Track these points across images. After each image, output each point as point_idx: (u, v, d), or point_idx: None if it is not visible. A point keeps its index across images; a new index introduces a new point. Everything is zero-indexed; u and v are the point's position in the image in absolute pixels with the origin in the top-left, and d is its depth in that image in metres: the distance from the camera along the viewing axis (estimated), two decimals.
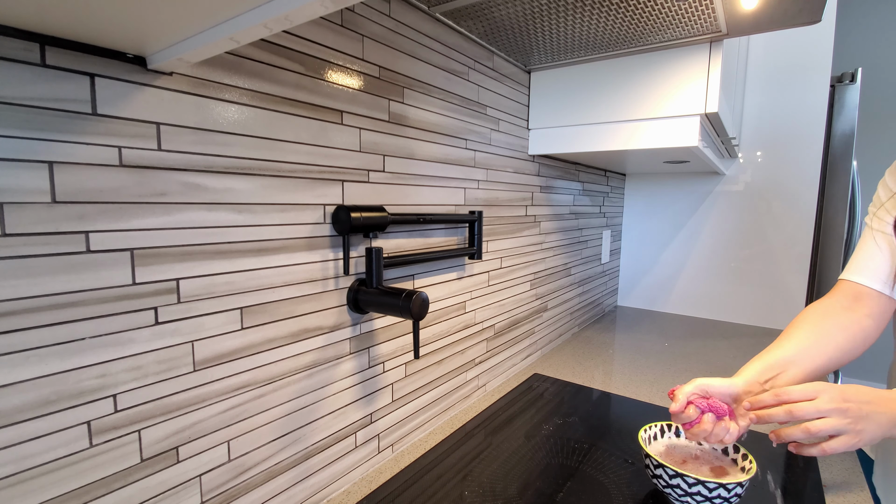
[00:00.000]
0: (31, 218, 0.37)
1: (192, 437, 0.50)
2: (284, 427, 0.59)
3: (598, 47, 0.90)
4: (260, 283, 0.54)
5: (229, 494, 0.54)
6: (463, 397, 0.95)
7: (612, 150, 1.00)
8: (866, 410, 0.57)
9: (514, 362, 1.13)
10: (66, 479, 0.40)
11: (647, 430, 0.72)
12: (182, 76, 0.46)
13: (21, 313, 0.37)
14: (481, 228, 0.89)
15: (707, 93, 0.88)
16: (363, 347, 0.69)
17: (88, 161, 0.40)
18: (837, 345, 0.69)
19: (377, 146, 0.68)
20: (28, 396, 0.38)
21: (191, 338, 0.48)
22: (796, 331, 0.72)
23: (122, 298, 0.43)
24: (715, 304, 1.72)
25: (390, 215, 0.67)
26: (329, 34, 0.60)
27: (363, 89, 0.65)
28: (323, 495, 0.66)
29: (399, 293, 0.61)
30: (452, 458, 0.76)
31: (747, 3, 0.71)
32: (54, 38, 0.37)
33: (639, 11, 0.74)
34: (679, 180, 1.75)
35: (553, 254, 1.27)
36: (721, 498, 0.60)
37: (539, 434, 0.84)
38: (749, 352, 1.34)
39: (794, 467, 0.75)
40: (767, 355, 0.70)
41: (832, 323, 0.71)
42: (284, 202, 0.56)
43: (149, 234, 0.44)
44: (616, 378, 1.12)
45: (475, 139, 0.90)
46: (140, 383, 0.45)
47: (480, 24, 0.80)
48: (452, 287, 0.87)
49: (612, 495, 0.67)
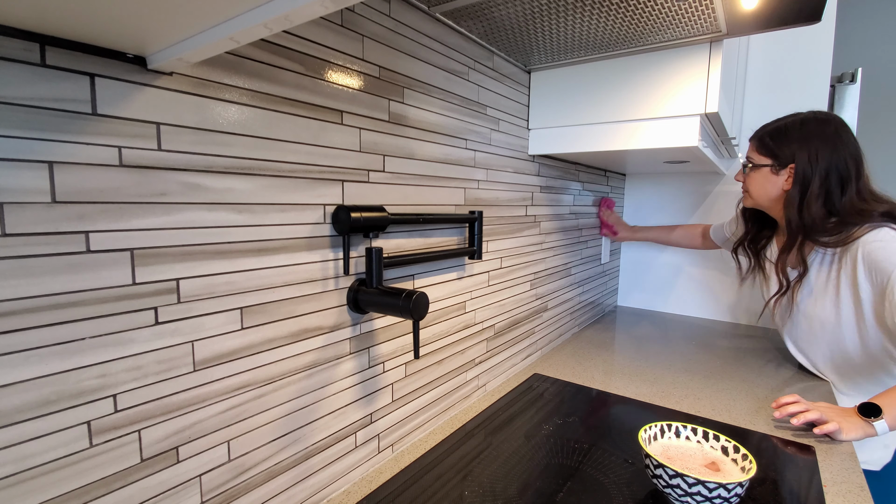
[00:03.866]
0: (31, 218, 0.37)
1: (192, 437, 0.50)
2: (284, 427, 0.59)
3: (598, 47, 0.90)
4: (260, 283, 0.54)
5: (229, 494, 0.54)
6: (463, 397, 0.95)
7: (612, 150, 1.00)
8: (840, 415, 0.84)
9: (514, 362, 1.13)
10: (66, 479, 0.40)
11: (647, 430, 0.72)
12: (182, 76, 0.46)
13: (21, 313, 0.37)
14: (481, 228, 0.89)
15: (707, 93, 0.88)
16: (363, 347, 0.69)
17: (88, 161, 0.40)
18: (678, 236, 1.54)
19: (377, 146, 0.68)
20: (28, 396, 0.38)
21: (191, 338, 0.48)
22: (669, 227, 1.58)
23: (122, 298, 0.43)
24: (715, 304, 1.72)
25: (390, 215, 0.67)
26: (329, 34, 0.60)
27: (363, 89, 0.65)
28: (323, 495, 0.66)
29: (399, 293, 0.61)
30: (452, 458, 0.76)
31: (747, 3, 0.71)
32: (54, 38, 0.37)
33: (639, 11, 0.74)
34: (679, 180, 1.75)
35: (553, 254, 1.27)
36: (721, 498, 0.60)
37: (539, 434, 0.84)
38: (749, 352, 1.34)
39: (795, 467, 0.75)
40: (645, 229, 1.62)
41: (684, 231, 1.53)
42: (284, 202, 0.56)
43: (149, 234, 0.44)
44: (616, 378, 1.12)
45: (475, 139, 0.90)
46: (140, 383, 0.45)
47: (480, 24, 0.80)
48: (452, 287, 0.87)
49: (612, 495, 0.67)
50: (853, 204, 0.92)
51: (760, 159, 1.01)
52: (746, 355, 1.31)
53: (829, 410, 0.85)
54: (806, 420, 0.83)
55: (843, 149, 0.93)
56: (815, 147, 0.93)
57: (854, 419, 0.82)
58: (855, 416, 0.83)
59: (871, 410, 0.81)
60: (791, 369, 1.20)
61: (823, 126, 0.95)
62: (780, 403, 0.88)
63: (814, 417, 0.83)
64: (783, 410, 0.86)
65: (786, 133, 0.97)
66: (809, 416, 0.83)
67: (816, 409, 0.85)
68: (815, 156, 0.93)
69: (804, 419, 0.83)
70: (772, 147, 0.99)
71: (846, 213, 0.92)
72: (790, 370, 1.19)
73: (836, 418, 0.83)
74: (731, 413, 0.94)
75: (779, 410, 0.87)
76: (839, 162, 0.92)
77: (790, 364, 1.24)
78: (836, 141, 0.93)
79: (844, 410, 0.85)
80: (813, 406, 0.86)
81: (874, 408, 0.81)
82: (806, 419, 0.83)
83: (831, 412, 0.85)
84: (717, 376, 1.14)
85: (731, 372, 1.17)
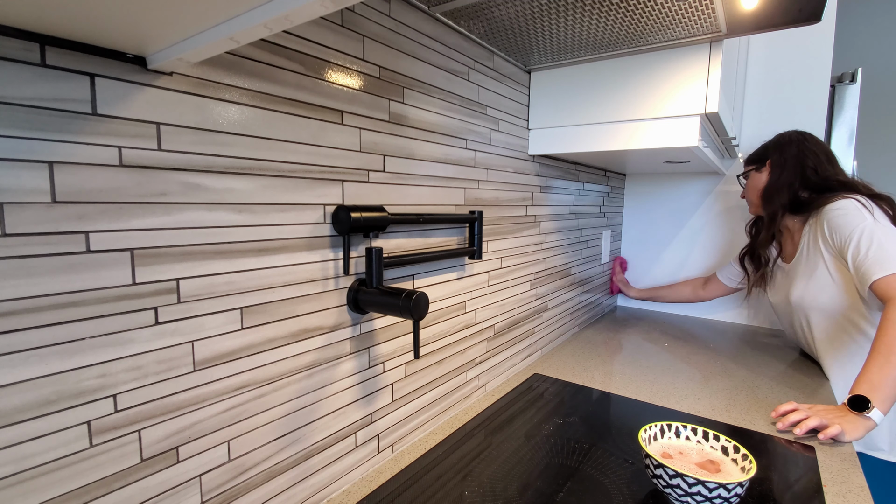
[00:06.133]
0: (31, 218, 0.37)
1: (192, 437, 0.50)
2: (284, 427, 0.59)
3: (598, 47, 0.90)
4: (260, 283, 0.54)
5: (229, 494, 0.54)
6: (463, 397, 0.95)
7: (612, 150, 1.00)
8: (839, 416, 0.85)
9: (514, 362, 1.13)
10: (66, 479, 0.40)
11: (647, 430, 0.72)
12: (182, 76, 0.46)
13: (21, 313, 0.37)
14: (481, 228, 0.89)
15: (707, 93, 0.88)
16: (363, 347, 0.69)
17: (88, 161, 0.40)
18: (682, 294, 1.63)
19: (377, 146, 0.68)
20: (28, 396, 0.38)
21: (191, 338, 0.48)
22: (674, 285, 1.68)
23: (122, 298, 0.43)
24: (715, 304, 1.71)
25: (390, 215, 0.67)
26: (329, 34, 0.60)
27: (363, 89, 0.65)
28: (323, 495, 0.66)
29: (399, 293, 0.61)
30: (452, 458, 0.76)
31: (747, 3, 0.71)
32: (54, 38, 0.37)
33: (639, 11, 0.74)
34: (679, 180, 1.75)
35: (553, 254, 1.27)
36: (721, 498, 0.60)
37: (539, 434, 0.84)
38: (749, 352, 1.34)
39: (795, 467, 0.75)
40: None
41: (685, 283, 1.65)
42: (284, 202, 0.56)
43: (149, 234, 0.44)
44: (616, 378, 1.12)
45: (475, 139, 0.90)
46: (140, 383, 0.45)
47: (480, 24, 0.80)
48: (452, 287, 0.87)
49: (612, 495, 0.67)
50: (824, 179, 1.11)
51: (747, 168, 1.27)
52: (746, 355, 1.31)
53: (828, 412, 0.86)
54: (808, 428, 0.83)
55: (811, 144, 1.14)
56: (786, 144, 1.17)
57: (851, 417, 0.83)
58: (850, 413, 0.84)
59: (861, 403, 0.83)
60: (791, 369, 1.20)
61: (791, 134, 1.19)
62: (779, 413, 0.89)
63: (815, 424, 0.84)
64: (784, 420, 0.87)
65: (763, 146, 1.23)
66: (811, 423, 0.84)
67: (815, 413, 0.86)
68: (786, 149, 1.16)
69: (806, 427, 0.83)
70: (753, 157, 1.25)
71: (817, 187, 1.12)
72: (790, 370, 1.19)
73: (837, 420, 0.83)
74: (731, 413, 0.94)
75: (780, 421, 0.88)
76: (807, 150, 1.13)
77: (790, 364, 1.24)
78: (803, 139, 1.16)
79: (841, 409, 0.86)
80: (811, 410, 0.87)
81: (862, 400, 0.82)
82: (808, 427, 0.84)
83: (830, 414, 0.85)
84: (717, 376, 1.14)
85: (731, 372, 1.18)
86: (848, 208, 1.02)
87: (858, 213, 1.00)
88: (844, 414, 0.84)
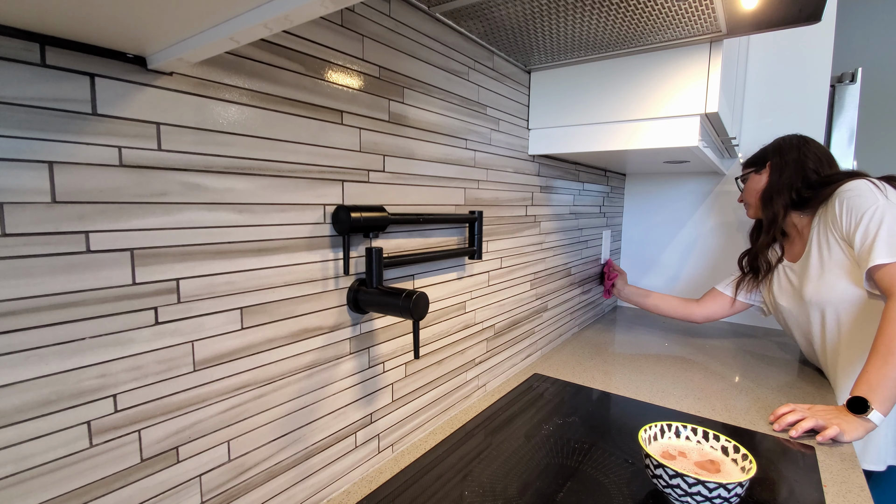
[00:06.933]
0: (31, 218, 0.37)
1: (192, 437, 0.50)
2: (284, 427, 0.59)
3: (598, 47, 0.90)
4: (260, 283, 0.54)
5: (229, 494, 0.54)
6: (463, 397, 0.95)
7: (612, 150, 1.00)
8: (837, 417, 0.84)
9: (514, 362, 1.13)
10: (66, 479, 0.40)
11: (647, 430, 0.72)
12: (182, 76, 0.46)
13: (21, 313, 0.37)
14: (481, 228, 0.89)
15: (707, 93, 0.88)
16: (363, 347, 0.69)
17: (88, 161, 0.40)
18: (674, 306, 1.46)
19: (377, 146, 0.68)
20: (28, 396, 0.38)
21: (191, 338, 0.48)
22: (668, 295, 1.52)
23: (122, 298, 0.43)
24: None
25: (390, 215, 0.67)
26: (329, 34, 0.60)
27: (363, 89, 0.65)
28: (323, 495, 0.66)
29: (399, 293, 0.61)
30: (452, 458, 0.76)
31: (747, 3, 0.71)
32: (54, 38, 0.37)
33: (639, 11, 0.74)
34: (679, 180, 1.75)
35: (553, 254, 1.27)
36: (721, 498, 0.60)
37: (539, 434, 0.84)
38: (749, 352, 1.34)
39: (795, 467, 0.75)
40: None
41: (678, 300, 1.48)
42: (284, 202, 0.56)
43: (149, 234, 0.44)
44: (616, 378, 1.12)
45: (475, 139, 0.90)
46: (140, 383, 0.45)
47: (480, 24, 0.80)
48: (452, 287, 0.87)
49: (612, 495, 0.67)
50: (825, 176, 1.09)
51: (745, 170, 1.24)
52: (746, 355, 1.31)
53: (826, 413, 0.85)
54: (804, 429, 0.83)
55: (812, 147, 1.12)
56: (786, 147, 1.15)
57: (850, 418, 0.83)
58: (849, 414, 0.83)
59: (860, 405, 0.82)
60: (791, 369, 1.20)
61: (792, 137, 1.17)
62: (776, 415, 0.89)
63: (812, 425, 0.83)
64: (781, 422, 0.87)
65: (763, 150, 1.21)
66: (807, 424, 0.84)
67: (813, 414, 0.86)
68: (787, 152, 1.14)
69: (802, 429, 0.84)
70: (752, 160, 1.23)
71: (818, 183, 1.08)
72: (790, 370, 1.19)
73: (835, 421, 0.83)
74: (731, 413, 0.94)
75: (777, 423, 0.88)
76: (808, 153, 1.11)
77: (790, 364, 1.24)
78: (804, 142, 1.14)
79: (839, 410, 0.86)
80: (809, 412, 0.87)
81: (861, 402, 0.82)
82: (804, 428, 0.84)
83: (828, 415, 0.85)
84: (717, 376, 1.14)
85: (731, 372, 1.18)
86: (861, 189, 0.96)
87: (871, 193, 0.95)
88: (843, 414, 0.84)
